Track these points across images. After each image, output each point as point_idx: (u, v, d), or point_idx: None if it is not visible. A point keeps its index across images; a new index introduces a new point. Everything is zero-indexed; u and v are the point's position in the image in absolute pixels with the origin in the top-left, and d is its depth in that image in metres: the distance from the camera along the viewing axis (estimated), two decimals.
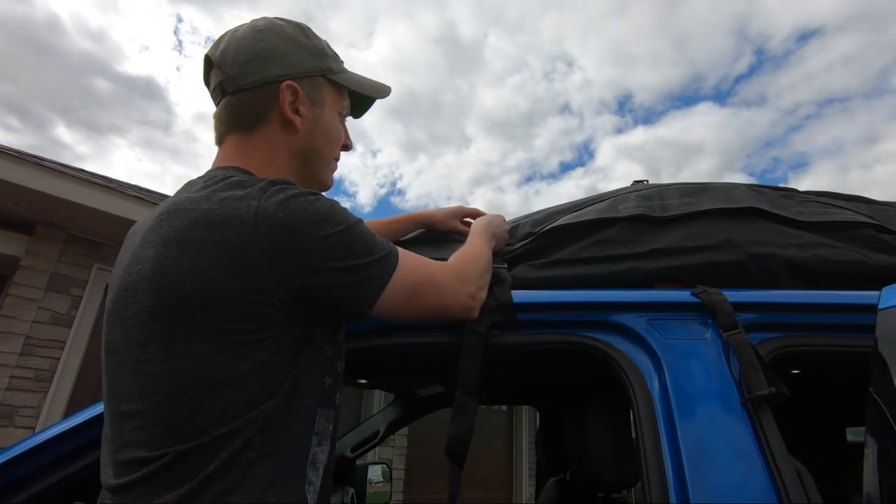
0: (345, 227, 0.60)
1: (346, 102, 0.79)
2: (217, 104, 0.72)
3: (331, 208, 0.60)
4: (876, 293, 0.65)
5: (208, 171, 0.68)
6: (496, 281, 0.84)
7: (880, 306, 0.62)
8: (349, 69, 0.80)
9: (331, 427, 0.63)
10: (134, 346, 0.55)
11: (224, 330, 0.53)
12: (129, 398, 0.55)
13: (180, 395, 0.52)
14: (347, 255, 0.59)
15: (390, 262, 0.64)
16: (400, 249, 0.67)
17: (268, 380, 0.55)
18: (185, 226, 0.55)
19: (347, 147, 0.81)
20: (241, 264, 0.54)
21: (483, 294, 0.76)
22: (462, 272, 0.74)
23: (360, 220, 0.64)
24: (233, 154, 0.69)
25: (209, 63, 0.73)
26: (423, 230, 1.09)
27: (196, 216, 0.56)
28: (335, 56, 0.78)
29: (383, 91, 0.84)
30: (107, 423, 0.59)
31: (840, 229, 0.90)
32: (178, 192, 0.65)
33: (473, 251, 0.81)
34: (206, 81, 0.75)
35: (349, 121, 0.84)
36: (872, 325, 0.62)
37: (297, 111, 0.70)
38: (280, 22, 0.73)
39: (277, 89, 0.69)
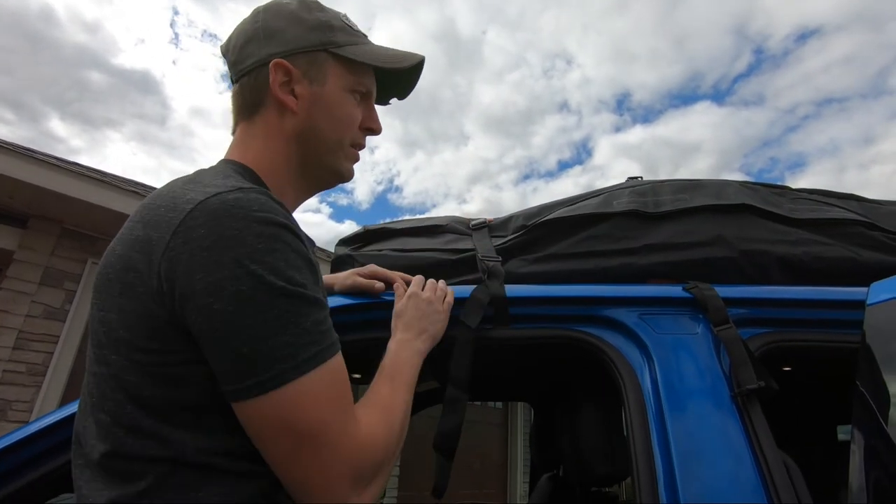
0: (267, 288, 0.47)
1: (366, 79, 0.69)
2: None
3: (266, 254, 0.48)
4: (864, 289, 0.66)
5: (217, 163, 0.66)
6: (489, 275, 0.84)
7: (868, 302, 0.63)
8: (372, 42, 0.71)
9: None
10: (88, 344, 0.56)
11: (132, 343, 0.49)
12: (85, 392, 0.56)
13: (102, 402, 0.50)
14: (241, 321, 0.46)
15: (284, 371, 0.47)
16: (329, 371, 0.50)
17: (178, 411, 0.49)
18: (136, 221, 0.53)
19: (373, 130, 0.72)
20: (153, 269, 0.48)
21: (376, 495, 0.53)
22: (367, 460, 0.51)
23: (299, 295, 0.49)
24: (235, 144, 0.66)
25: (224, 55, 0.70)
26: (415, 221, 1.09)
27: (146, 212, 0.53)
28: (347, 28, 0.69)
29: (405, 59, 0.71)
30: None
31: (831, 226, 0.91)
32: (169, 183, 0.62)
33: (391, 413, 0.59)
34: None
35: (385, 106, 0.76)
36: (861, 321, 0.62)
37: (292, 91, 0.64)
38: (283, 1, 0.68)
39: (269, 70, 0.63)
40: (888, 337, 0.60)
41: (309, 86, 0.65)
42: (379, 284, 0.81)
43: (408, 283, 0.80)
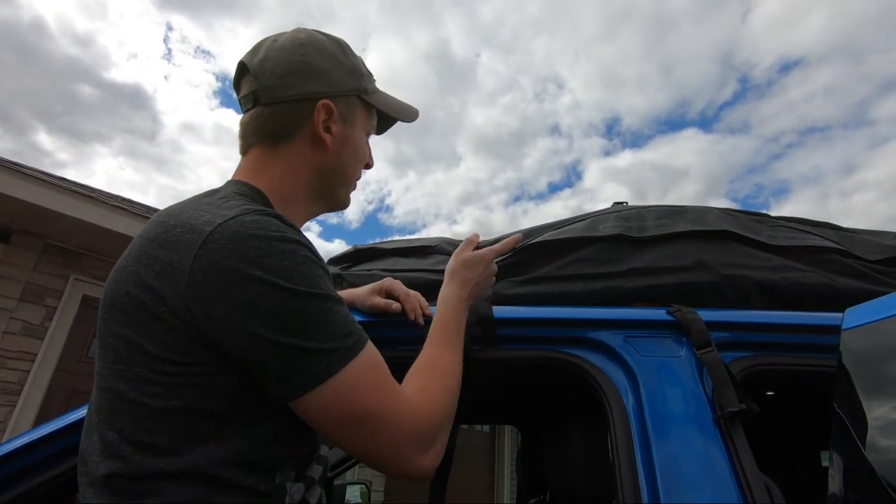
0: (293, 293, 0.51)
1: (374, 122, 0.78)
2: (245, 112, 0.70)
3: (289, 268, 0.51)
4: (840, 314, 0.68)
5: (225, 184, 0.67)
6: None
7: (844, 326, 0.65)
8: (380, 89, 0.79)
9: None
10: (97, 360, 0.56)
11: (156, 356, 0.50)
12: (90, 409, 0.56)
13: (112, 418, 0.51)
14: (278, 327, 0.50)
15: (326, 366, 0.51)
16: (365, 357, 0.54)
17: (199, 423, 0.50)
18: (150, 239, 0.54)
19: (370, 166, 0.78)
20: (176, 292, 0.50)
21: (440, 453, 0.59)
22: (427, 433, 0.57)
23: (320, 294, 0.53)
24: (252, 167, 0.68)
25: (243, 69, 0.70)
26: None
27: (160, 231, 0.54)
28: (370, 76, 0.77)
29: (413, 115, 0.82)
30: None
31: (808, 253, 0.94)
32: (182, 202, 0.63)
33: (446, 375, 0.65)
34: (237, 87, 0.73)
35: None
36: (837, 346, 0.64)
37: (328, 129, 0.69)
38: (320, 36, 0.72)
39: (313, 106, 0.67)
40: (863, 361, 0.62)
41: (342, 126, 0.70)
42: (395, 305, 0.82)
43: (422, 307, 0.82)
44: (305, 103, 0.67)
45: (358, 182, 0.78)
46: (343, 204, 0.76)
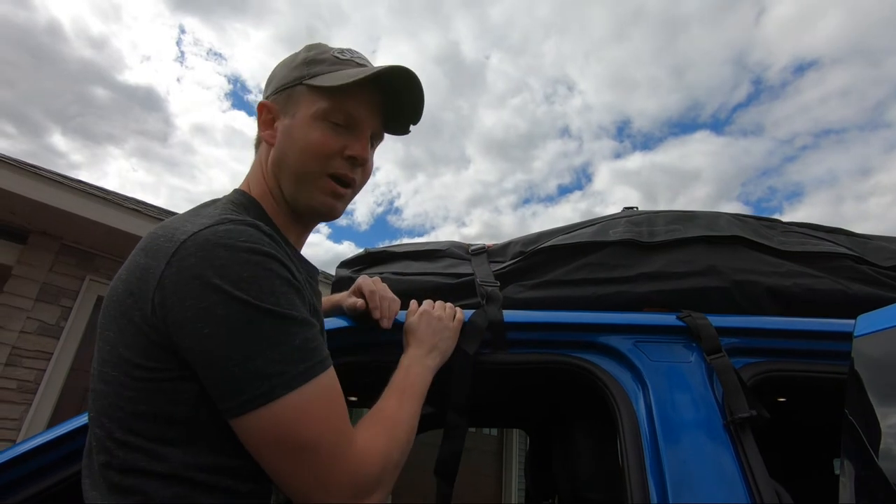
0: (254, 310, 0.49)
1: (346, 106, 0.66)
2: None
3: (252, 280, 0.50)
4: (852, 321, 0.68)
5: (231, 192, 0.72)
6: (488, 299, 0.85)
7: (856, 333, 0.65)
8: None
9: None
10: (93, 360, 0.58)
11: (129, 360, 0.51)
12: (90, 406, 0.58)
13: (98, 417, 0.53)
14: (230, 342, 0.48)
15: (268, 389, 0.48)
16: (315, 387, 0.51)
17: (170, 427, 0.50)
18: (140, 248, 0.56)
19: (354, 158, 0.67)
20: (145, 298, 0.51)
21: (381, 498, 0.55)
22: (362, 475, 0.52)
23: (284, 315, 0.51)
24: (247, 176, 0.73)
25: None
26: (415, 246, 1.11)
27: (149, 241, 0.56)
28: (333, 59, 0.68)
29: (363, 73, 0.65)
30: None
31: (821, 259, 0.93)
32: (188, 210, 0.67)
33: (396, 425, 0.61)
34: None
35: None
36: (850, 352, 0.64)
37: (273, 127, 0.69)
38: (302, 51, 0.72)
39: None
40: (875, 367, 0.61)
41: (283, 118, 0.68)
42: (360, 303, 0.79)
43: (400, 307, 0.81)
44: (260, 111, 0.71)
45: (344, 181, 0.67)
46: (310, 207, 0.67)
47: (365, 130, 0.68)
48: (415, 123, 0.75)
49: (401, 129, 0.75)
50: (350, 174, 0.68)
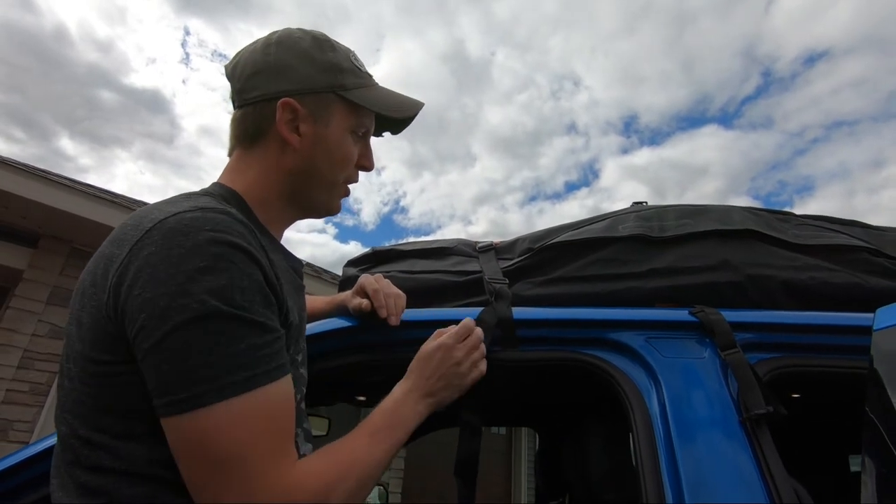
0: (199, 306, 0.46)
1: (366, 120, 0.71)
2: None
3: (205, 273, 0.47)
4: (871, 315, 0.66)
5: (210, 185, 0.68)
6: (497, 297, 0.85)
7: (875, 327, 0.63)
8: (377, 84, 0.73)
9: None
10: None
11: (88, 356, 0.50)
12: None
13: (62, 413, 0.53)
14: (166, 337, 0.45)
15: (203, 393, 0.45)
16: (259, 402, 0.48)
17: (131, 423, 0.49)
18: (109, 239, 0.55)
19: (366, 167, 0.73)
20: (103, 287, 0.50)
21: None
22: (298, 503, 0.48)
23: (234, 315, 0.47)
24: (230, 170, 0.68)
25: (226, 76, 0.70)
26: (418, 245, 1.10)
27: (118, 230, 0.55)
28: (355, 70, 0.70)
29: (408, 109, 0.74)
30: None
31: (837, 252, 0.92)
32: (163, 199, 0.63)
33: (351, 463, 0.55)
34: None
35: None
36: (868, 347, 0.62)
37: (297, 129, 0.65)
38: (297, 34, 0.69)
39: (276, 106, 0.64)
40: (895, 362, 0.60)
41: (313, 125, 0.66)
42: (365, 303, 0.79)
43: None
44: (271, 103, 0.64)
45: (352, 186, 0.73)
46: (327, 210, 0.71)
47: (370, 140, 0.74)
48: (394, 134, 0.80)
49: (378, 133, 0.79)
50: (357, 179, 0.73)
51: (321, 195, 0.69)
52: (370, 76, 0.73)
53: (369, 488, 0.57)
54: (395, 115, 0.72)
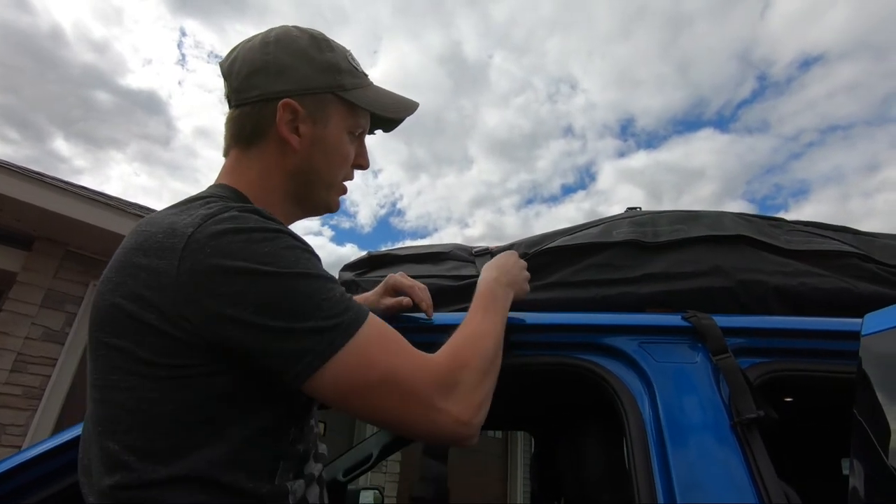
0: (280, 276, 0.50)
1: (363, 120, 0.72)
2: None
3: (272, 253, 0.51)
4: (860, 320, 0.67)
5: (207, 188, 0.67)
6: None
7: (863, 332, 0.64)
8: (373, 83, 0.74)
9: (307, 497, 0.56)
10: (89, 371, 0.55)
11: (150, 362, 0.49)
12: (87, 421, 0.55)
13: (112, 428, 0.50)
14: (271, 313, 0.49)
15: (330, 339, 0.50)
16: (369, 326, 0.54)
17: (198, 427, 0.49)
18: (133, 248, 0.54)
19: (362, 166, 0.75)
20: (165, 297, 0.49)
21: (483, 410, 0.58)
22: (450, 379, 0.55)
23: (310, 273, 0.52)
24: (230, 170, 0.67)
25: (221, 73, 0.70)
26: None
27: (143, 240, 0.53)
28: (352, 70, 0.71)
29: (404, 110, 0.75)
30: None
31: (827, 258, 0.93)
32: (161, 210, 0.62)
33: (475, 336, 0.63)
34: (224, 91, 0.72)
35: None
36: (856, 351, 0.63)
37: (296, 129, 0.65)
38: (295, 33, 0.69)
39: (276, 106, 0.64)
40: (884, 366, 0.61)
41: (312, 126, 0.66)
42: (406, 301, 0.82)
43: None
44: (270, 103, 0.65)
45: (348, 183, 0.74)
46: (326, 208, 0.73)
47: (365, 139, 0.76)
48: (386, 132, 0.81)
49: (371, 131, 0.80)
50: (353, 177, 0.75)
51: (321, 194, 0.71)
52: (366, 76, 0.74)
53: (497, 352, 0.65)
54: (392, 115, 0.74)
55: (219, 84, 0.72)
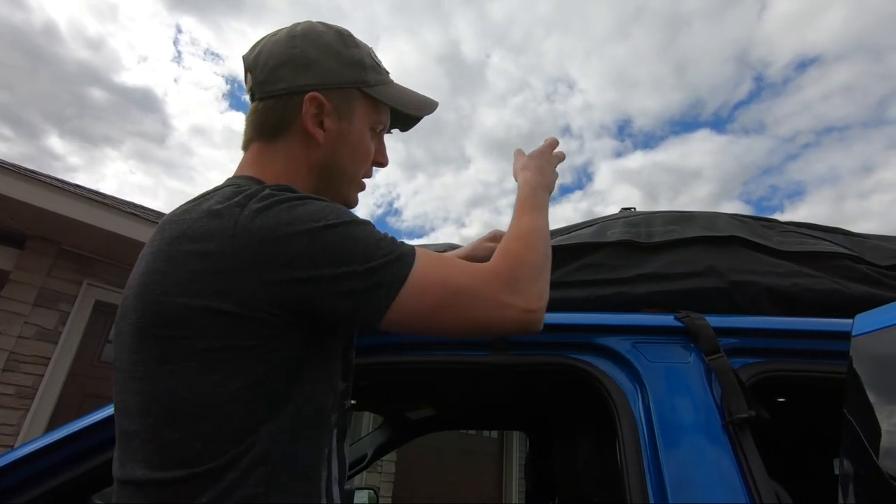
0: (333, 228, 0.53)
1: (384, 117, 0.73)
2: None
3: (318, 211, 0.54)
4: (850, 321, 0.68)
5: (226, 180, 0.66)
6: None
7: (854, 333, 0.65)
8: (394, 81, 0.75)
9: (341, 459, 0.60)
10: (129, 364, 0.53)
11: (210, 347, 0.50)
12: (130, 416, 0.53)
13: (170, 417, 0.50)
14: (336, 261, 0.52)
15: (397, 270, 0.54)
16: (421, 253, 0.58)
17: (261, 402, 0.51)
18: (174, 237, 0.54)
19: (381, 163, 0.75)
20: (223, 277, 0.50)
21: (545, 298, 0.62)
22: (510, 277, 0.59)
23: (357, 221, 0.56)
24: (251, 163, 0.67)
25: (245, 65, 0.70)
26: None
27: (184, 227, 0.53)
28: (376, 67, 0.71)
29: (426, 108, 0.76)
30: (116, 438, 0.56)
31: (819, 259, 0.93)
32: (186, 202, 0.62)
33: (526, 234, 0.67)
34: (246, 84, 0.71)
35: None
36: (847, 351, 0.64)
37: (321, 124, 0.66)
38: (320, 28, 0.69)
39: (302, 100, 0.64)
40: (874, 366, 0.62)
41: (338, 121, 0.67)
42: None
43: None
44: (295, 97, 0.65)
45: (367, 180, 0.75)
46: (346, 203, 0.72)
47: (384, 136, 0.76)
48: (402, 132, 0.82)
49: (388, 130, 0.80)
50: (371, 174, 0.76)
51: (342, 190, 0.71)
52: (388, 73, 0.75)
53: (548, 247, 0.68)
54: (414, 112, 0.75)
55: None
